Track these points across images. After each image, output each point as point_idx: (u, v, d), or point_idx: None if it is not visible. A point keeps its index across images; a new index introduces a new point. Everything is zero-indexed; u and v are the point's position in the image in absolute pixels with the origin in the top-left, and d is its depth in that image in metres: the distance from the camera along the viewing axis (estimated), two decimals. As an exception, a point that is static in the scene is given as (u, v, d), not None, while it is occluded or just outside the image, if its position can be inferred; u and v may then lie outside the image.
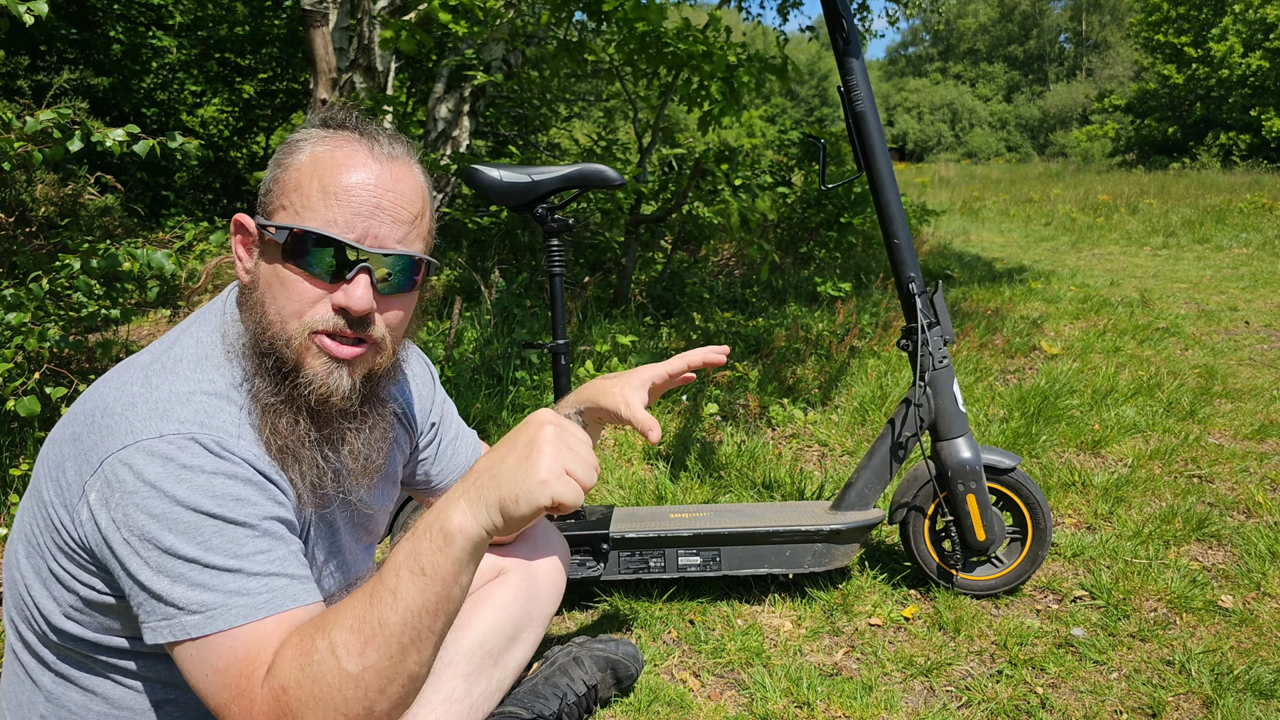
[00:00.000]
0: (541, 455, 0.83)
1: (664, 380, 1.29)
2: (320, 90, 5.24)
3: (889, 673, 1.83)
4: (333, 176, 0.96)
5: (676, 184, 4.69)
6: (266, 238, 0.97)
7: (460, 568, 0.83)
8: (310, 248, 0.95)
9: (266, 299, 0.97)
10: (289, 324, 0.96)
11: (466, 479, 0.86)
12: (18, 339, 2.43)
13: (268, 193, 1.00)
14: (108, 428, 0.90)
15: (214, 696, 0.85)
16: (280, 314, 0.97)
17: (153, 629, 0.87)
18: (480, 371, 3.57)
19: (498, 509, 0.83)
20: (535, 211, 1.88)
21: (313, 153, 0.98)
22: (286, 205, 0.97)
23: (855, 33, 1.96)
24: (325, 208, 0.95)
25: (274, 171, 1.00)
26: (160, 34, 7.55)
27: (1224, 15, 25.22)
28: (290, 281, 0.96)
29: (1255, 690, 1.73)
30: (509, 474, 0.83)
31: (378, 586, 0.84)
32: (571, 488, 0.83)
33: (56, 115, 2.36)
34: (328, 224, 0.95)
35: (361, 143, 0.99)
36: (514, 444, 0.87)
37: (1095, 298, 5.82)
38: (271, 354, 0.96)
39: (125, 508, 0.86)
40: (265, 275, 0.98)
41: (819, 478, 2.84)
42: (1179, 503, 2.62)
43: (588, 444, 0.88)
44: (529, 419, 0.89)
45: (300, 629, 0.86)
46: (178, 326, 1.05)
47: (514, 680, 1.49)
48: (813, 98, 49.45)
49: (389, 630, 0.81)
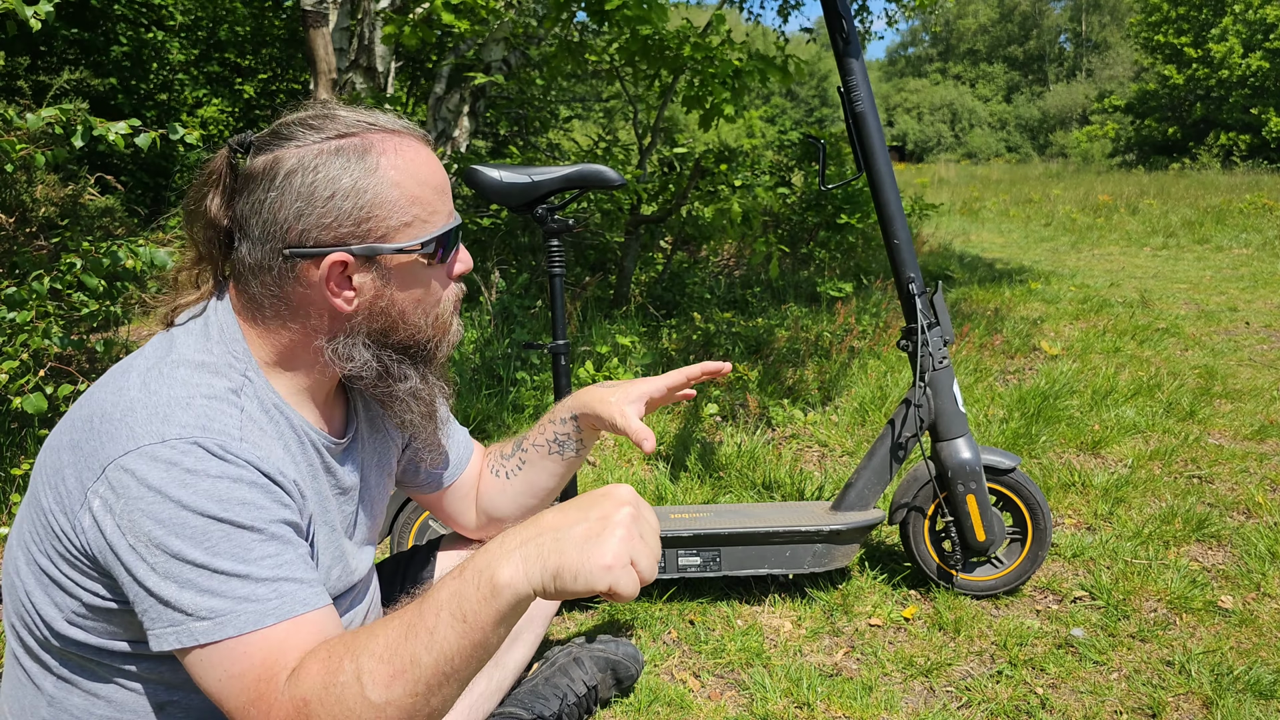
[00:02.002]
0: (613, 538, 0.79)
1: (662, 394, 1.29)
2: (320, 90, 5.24)
3: (889, 673, 1.83)
4: (428, 176, 1.01)
5: (676, 184, 4.69)
6: (396, 261, 0.99)
7: (502, 620, 0.80)
8: (450, 243, 1.04)
9: (407, 308, 1.03)
10: (441, 314, 1.06)
11: (528, 530, 0.83)
12: (22, 336, 2.43)
13: (367, 219, 0.96)
14: (107, 433, 0.89)
15: (230, 700, 0.85)
16: (426, 311, 1.05)
17: (159, 635, 0.86)
18: (480, 372, 3.58)
19: (553, 576, 0.79)
20: (535, 212, 1.88)
21: (393, 163, 0.98)
22: (411, 220, 0.99)
23: (855, 33, 1.96)
24: (441, 203, 1.02)
25: (357, 199, 0.96)
26: (161, 34, 7.56)
27: (1224, 16, 25.24)
28: (431, 280, 1.04)
29: (1255, 691, 1.73)
30: (574, 545, 0.79)
31: (415, 621, 0.81)
32: (632, 580, 0.79)
33: (58, 112, 2.36)
34: (448, 217, 1.04)
35: (413, 134, 1.03)
36: (588, 513, 0.82)
37: (1095, 298, 5.82)
38: (416, 347, 1.06)
39: (130, 514, 0.86)
40: (397, 291, 1.01)
41: (819, 478, 2.84)
42: (1179, 503, 2.62)
43: (657, 531, 0.85)
44: (610, 490, 0.85)
45: (330, 643, 0.85)
46: (169, 331, 1.03)
47: (514, 681, 1.49)
48: (813, 98, 49.47)
49: (420, 669, 0.80)
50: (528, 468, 1.37)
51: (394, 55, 5.44)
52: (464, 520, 1.42)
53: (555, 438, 1.34)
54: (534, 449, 1.36)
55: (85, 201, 5.01)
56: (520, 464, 1.38)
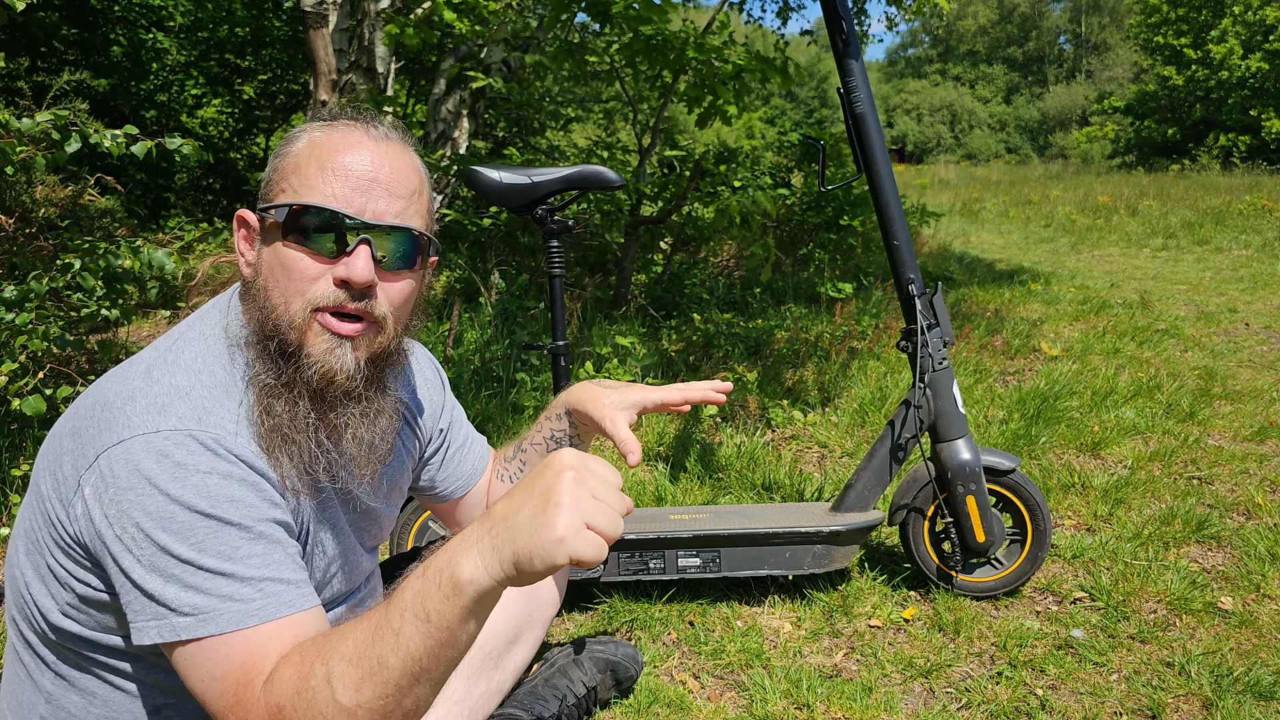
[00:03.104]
0: (560, 509, 0.76)
1: (655, 407, 1.26)
2: (320, 91, 5.24)
3: (889, 674, 1.83)
4: (330, 155, 0.98)
5: (676, 185, 4.69)
6: (268, 222, 0.98)
7: (467, 616, 0.79)
8: (311, 223, 0.95)
9: (270, 283, 0.97)
10: (292, 303, 0.96)
11: (483, 524, 0.81)
12: (21, 338, 2.43)
13: (267, 183, 1.01)
14: (106, 422, 0.89)
15: (213, 702, 0.85)
16: (284, 295, 0.96)
17: (141, 629, 0.86)
18: (480, 373, 3.57)
19: (512, 564, 0.77)
20: (535, 213, 1.88)
21: (310, 139, 1.00)
22: (286, 188, 0.98)
23: (854, 34, 1.96)
24: (324, 184, 0.96)
25: (273, 162, 1.02)
26: (160, 35, 7.56)
27: (1223, 17, 25.24)
28: (292, 260, 0.96)
29: (1255, 692, 1.73)
30: (524, 527, 0.77)
31: (382, 623, 0.80)
32: (593, 543, 0.76)
33: (55, 116, 2.36)
34: (327, 199, 0.96)
35: (357, 126, 1.01)
36: (531, 491, 0.80)
37: (1095, 299, 5.82)
38: (275, 337, 0.96)
39: (120, 502, 0.86)
40: (267, 261, 0.98)
41: (819, 479, 2.84)
42: (1179, 504, 2.62)
43: (614, 485, 0.81)
44: (548, 461, 0.82)
45: (303, 646, 0.85)
46: (181, 323, 1.05)
47: (514, 682, 1.49)
48: (812, 99, 49.47)
49: (388, 671, 0.79)
50: (529, 469, 1.37)
51: (394, 56, 5.44)
52: None
53: (552, 435, 1.34)
54: (532, 448, 1.36)
55: (85, 203, 5.02)
56: (522, 465, 1.38)
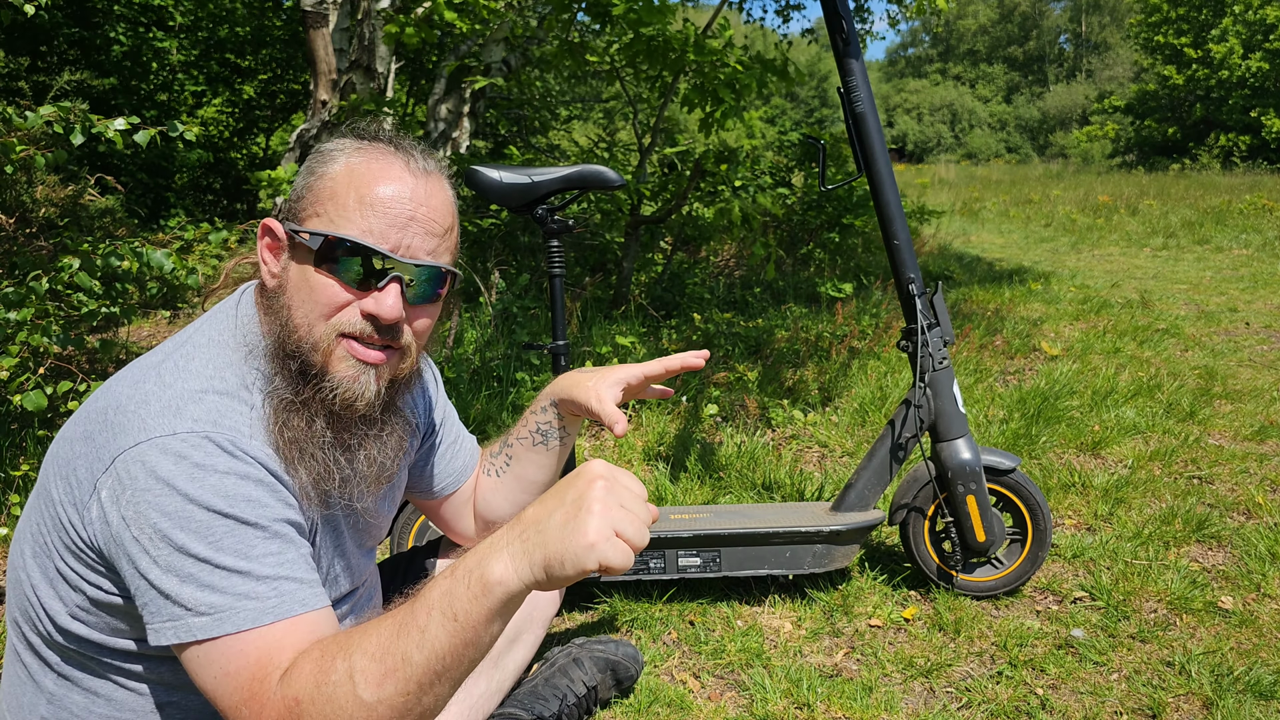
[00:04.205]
0: (590, 515, 0.79)
1: (639, 381, 1.27)
2: (320, 91, 5.24)
3: (889, 674, 1.83)
4: (369, 187, 0.98)
5: (676, 184, 4.69)
6: (298, 243, 0.98)
7: (494, 617, 0.81)
8: (344, 255, 0.96)
9: (294, 302, 0.98)
10: (315, 327, 0.97)
11: (513, 527, 0.83)
12: (22, 334, 2.44)
13: (299, 199, 1.01)
14: (120, 425, 0.89)
15: (224, 699, 0.85)
16: (308, 317, 0.97)
17: (157, 630, 0.86)
18: (480, 373, 3.57)
19: (542, 568, 0.79)
20: (535, 212, 1.88)
21: (348, 163, 0.99)
22: (321, 213, 0.98)
23: (855, 34, 1.96)
24: (361, 217, 0.97)
25: (306, 179, 1.01)
26: (161, 35, 7.55)
27: (1224, 16, 25.24)
28: (321, 286, 0.97)
29: (1255, 691, 1.73)
30: (556, 532, 0.79)
31: (407, 620, 0.81)
32: (621, 551, 0.78)
33: (57, 110, 2.36)
34: (364, 233, 0.96)
35: (397, 156, 1.00)
36: (563, 498, 0.82)
37: (1095, 299, 5.82)
38: (297, 356, 0.97)
39: (137, 504, 0.86)
40: (294, 279, 0.99)
41: (819, 479, 2.84)
42: (1179, 504, 2.62)
43: (640, 497, 0.83)
44: (581, 470, 0.84)
45: (324, 643, 0.85)
46: (191, 325, 1.05)
47: (514, 682, 1.49)
48: (813, 99, 49.46)
49: (411, 668, 0.80)
50: (515, 463, 1.37)
51: (394, 55, 5.44)
52: (461, 526, 1.42)
53: (538, 428, 1.34)
54: (519, 443, 1.37)
55: (85, 202, 5.02)
56: (508, 460, 1.38)
